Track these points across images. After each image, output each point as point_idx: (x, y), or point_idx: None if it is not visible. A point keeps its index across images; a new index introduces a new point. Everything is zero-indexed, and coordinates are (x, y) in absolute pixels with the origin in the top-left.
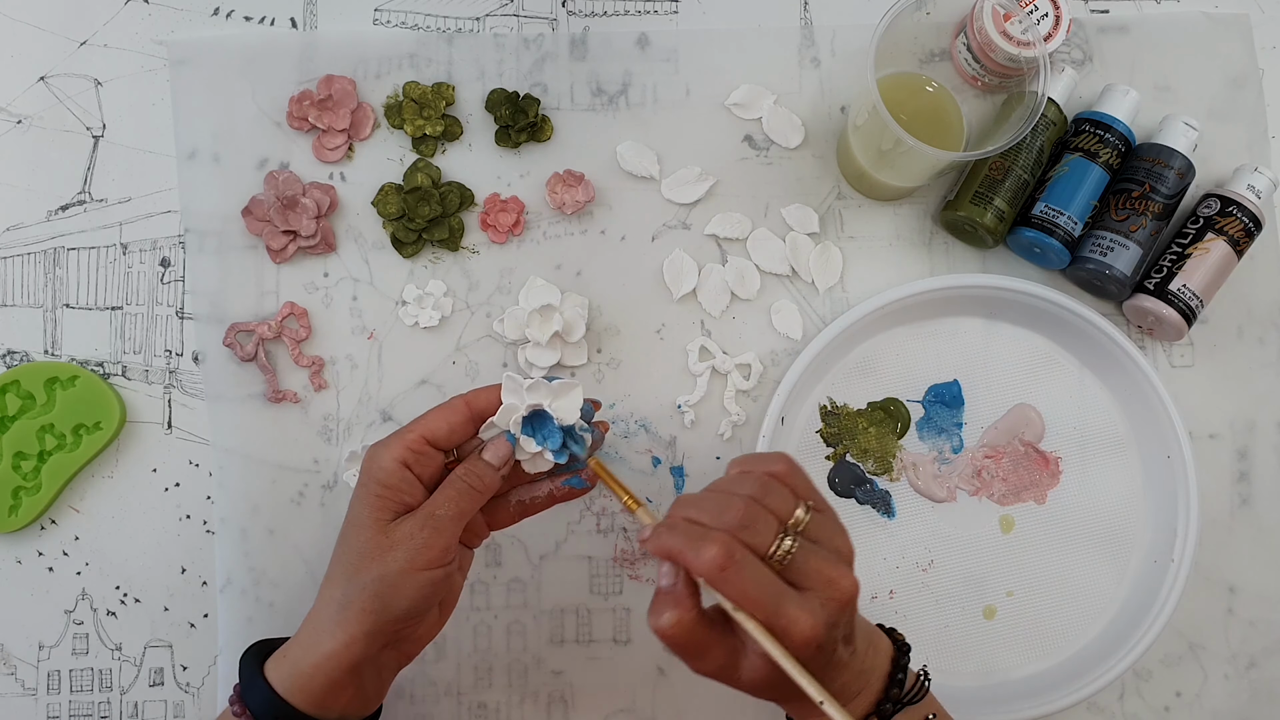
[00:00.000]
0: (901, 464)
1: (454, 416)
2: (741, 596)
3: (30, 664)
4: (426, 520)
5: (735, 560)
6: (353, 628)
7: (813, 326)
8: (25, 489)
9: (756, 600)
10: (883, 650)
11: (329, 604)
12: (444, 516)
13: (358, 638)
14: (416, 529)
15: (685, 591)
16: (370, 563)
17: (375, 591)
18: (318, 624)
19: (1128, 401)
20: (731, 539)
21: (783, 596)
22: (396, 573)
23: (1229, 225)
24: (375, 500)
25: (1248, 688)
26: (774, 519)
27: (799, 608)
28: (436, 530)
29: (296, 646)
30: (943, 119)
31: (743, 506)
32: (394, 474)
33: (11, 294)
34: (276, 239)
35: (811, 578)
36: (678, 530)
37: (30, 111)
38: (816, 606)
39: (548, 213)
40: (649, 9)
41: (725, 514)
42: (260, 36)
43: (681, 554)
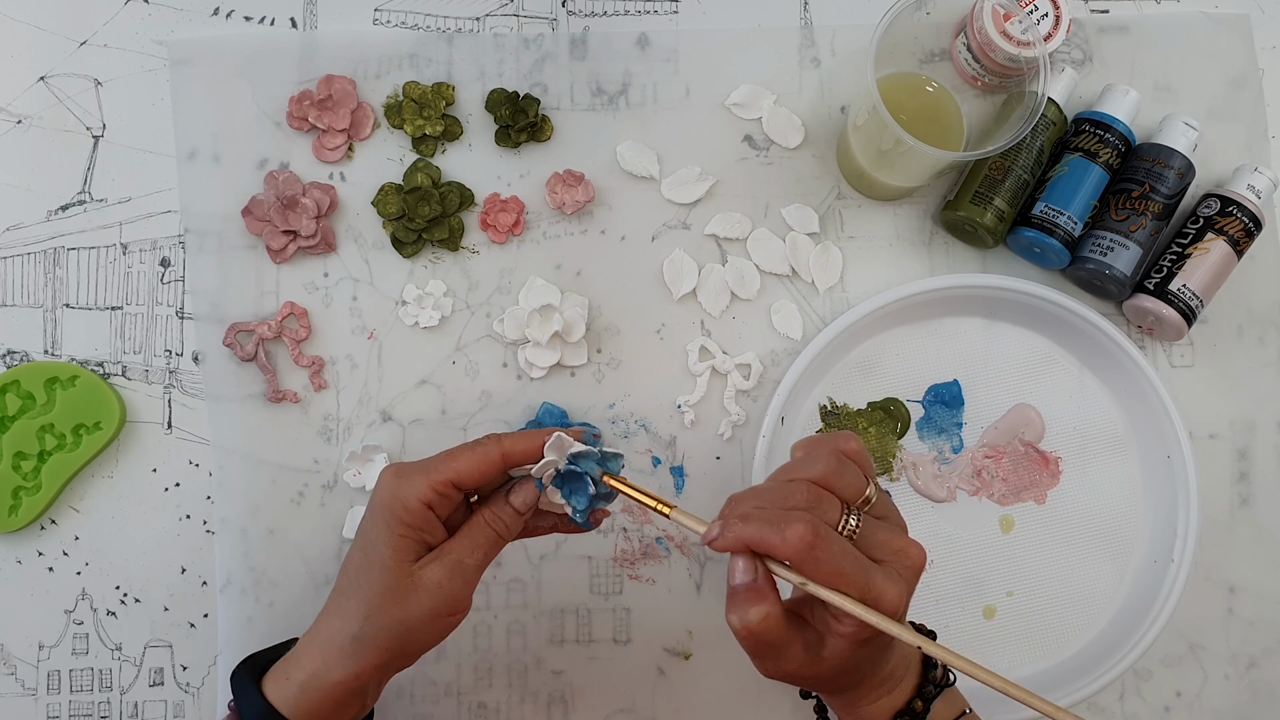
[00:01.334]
0: (901, 464)
1: (487, 465)
2: (833, 574)
3: (30, 664)
4: (455, 569)
5: (822, 536)
6: (365, 661)
7: (813, 326)
8: (25, 489)
9: (848, 576)
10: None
11: (341, 634)
12: (471, 565)
13: (369, 670)
14: (445, 578)
15: (768, 585)
16: (392, 605)
17: (396, 633)
18: (327, 651)
19: (1128, 401)
20: (814, 517)
21: (869, 570)
22: (420, 618)
23: (1229, 225)
24: (399, 540)
25: (1248, 688)
26: (837, 499)
27: (884, 579)
28: (464, 580)
29: (300, 669)
30: (943, 119)
31: (806, 489)
32: (419, 515)
33: (11, 294)
34: (276, 239)
35: (883, 549)
36: (753, 518)
37: (30, 111)
38: (896, 577)
39: (548, 213)
40: (649, 9)
41: (792, 498)
42: (260, 36)
43: (764, 540)
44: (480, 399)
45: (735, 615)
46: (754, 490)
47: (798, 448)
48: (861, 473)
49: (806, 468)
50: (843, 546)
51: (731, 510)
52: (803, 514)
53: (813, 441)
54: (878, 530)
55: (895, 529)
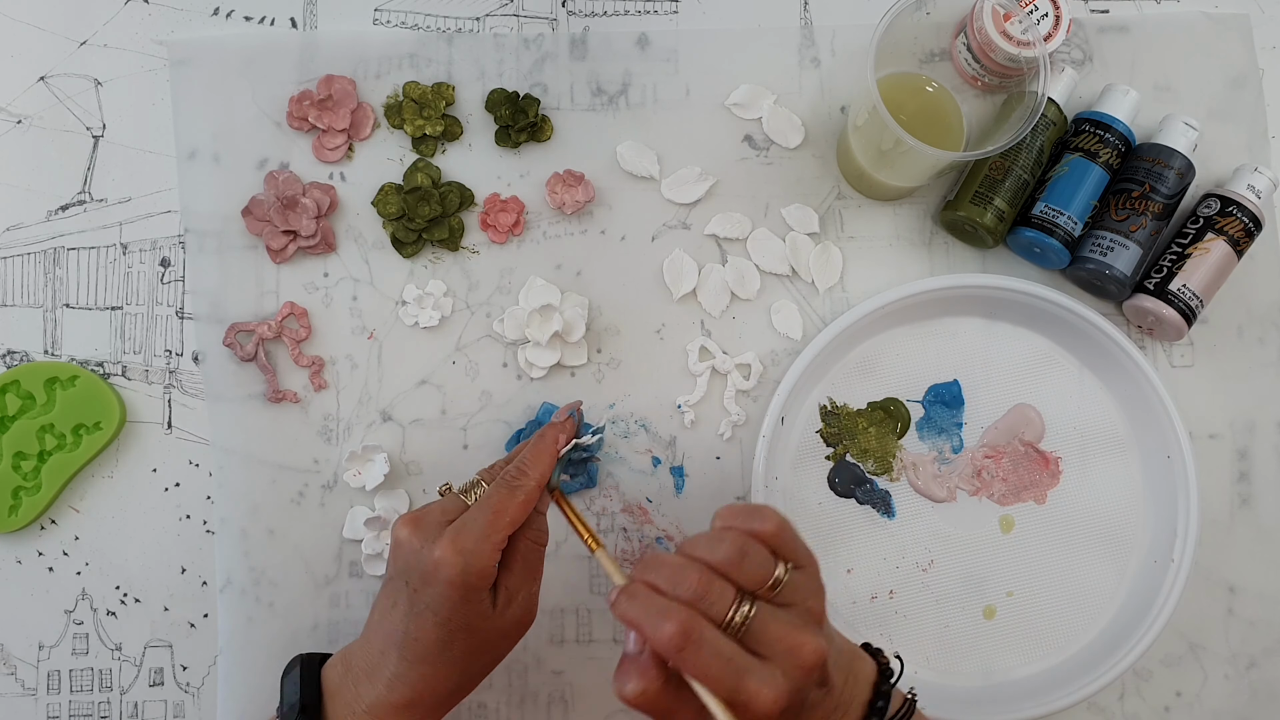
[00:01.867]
0: (901, 464)
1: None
2: (701, 673)
3: (30, 664)
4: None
5: (693, 638)
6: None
7: (813, 326)
8: (25, 489)
9: (716, 677)
10: (864, 679)
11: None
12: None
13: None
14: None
15: (650, 660)
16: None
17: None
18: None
19: (1128, 401)
20: (690, 614)
21: (743, 671)
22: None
23: (1229, 225)
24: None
25: (1248, 688)
26: (730, 587)
27: (759, 681)
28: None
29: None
30: (943, 119)
31: (698, 576)
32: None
33: (11, 294)
34: (276, 239)
35: (773, 646)
36: (637, 600)
37: (30, 111)
38: (779, 677)
39: (548, 213)
40: (649, 9)
41: (681, 584)
42: (260, 36)
43: (641, 627)
44: (480, 399)
45: (616, 684)
46: (657, 560)
47: (717, 517)
48: (771, 557)
49: (710, 549)
50: (715, 648)
51: (635, 573)
52: (679, 610)
53: (729, 514)
54: (770, 623)
55: (795, 621)
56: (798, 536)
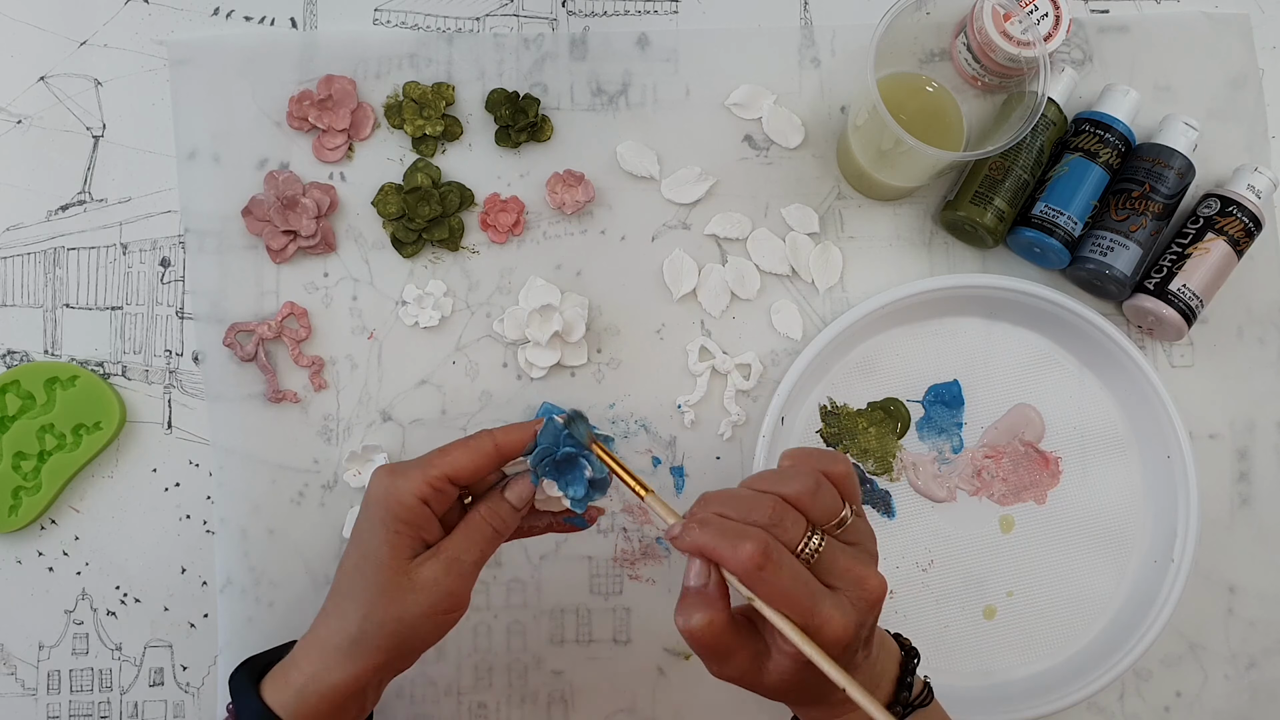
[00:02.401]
0: (901, 464)
1: (481, 457)
2: (778, 595)
3: (30, 664)
4: (452, 566)
5: (772, 558)
6: (364, 662)
7: (813, 326)
8: (25, 489)
9: (793, 599)
10: (892, 654)
11: (338, 634)
12: (468, 562)
13: (369, 671)
14: (442, 574)
15: (716, 592)
16: (389, 603)
17: (393, 631)
18: (325, 653)
19: (1128, 401)
20: (768, 536)
21: (818, 595)
22: (418, 616)
23: (1229, 225)
24: (394, 537)
25: (1248, 688)
26: (802, 517)
27: (833, 607)
28: (462, 576)
29: (298, 672)
30: (943, 119)
31: (772, 504)
32: (415, 511)
33: (11, 294)
34: (276, 239)
35: (842, 576)
36: (711, 526)
37: (30, 111)
38: (848, 606)
39: (548, 213)
40: (649, 9)
41: (755, 510)
42: (260, 36)
43: (716, 551)
44: (480, 399)
45: (681, 617)
46: (724, 494)
47: (785, 456)
48: (839, 496)
49: (782, 482)
50: (793, 570)
51: (698, 511)
52: (758, 532)
53: (800, 454)
54: (840, 556)
55: (860, 556)
56: (858, 486)
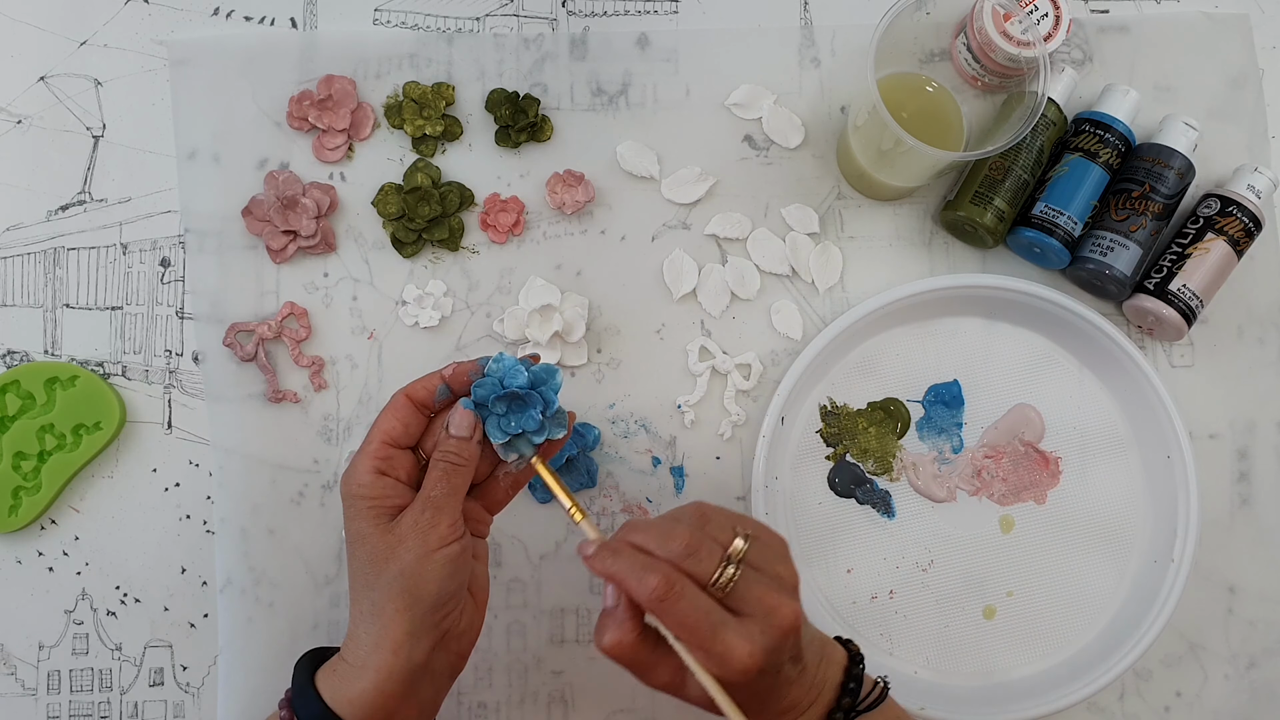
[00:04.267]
0: (901, 464)
1: (400, 413)
2: (679, 625)
3: (30, 664)
4: (424, 504)
5: (674, 590)
6: (394, 631)
7: (813, 326)
8: (25, 489)
9: (694, 629)
10: (836, 662)
11: (362, 618)
12: (438, 495)
13: (402, 640)
14: (418, 514)
15: (627, 614)
16: (386, 563)
17: (401, 587)
18: (358, 640)
19: (1128, 401)
20: (673, 569)
21: (720, 625)
22: (414, 561)
23: (1229, 225)
24: (367, 511)
25: (1248, 688)
26: (718, 547)
27: (737, 635)
28: (436, 509)
29: (345, 664)
30: (943, 119)
31: (687, 534)
32: (373, 484)
33: (11, 294)
34: (276, 239)
35: (753, 605)
36: (622, 555)
37: (30, 111)
38: (756, 633)
39: (548, 213)
40: (649, 9)
41: (670, 542)
42: (260, 36)
43: (624, 580)
44: None
45: (596, 635)
46: (643, 524)
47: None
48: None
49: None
50: (695, 601)
51: (618, 536)
52: (663, 566)
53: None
54: (752, 585)
55: (771, 584)
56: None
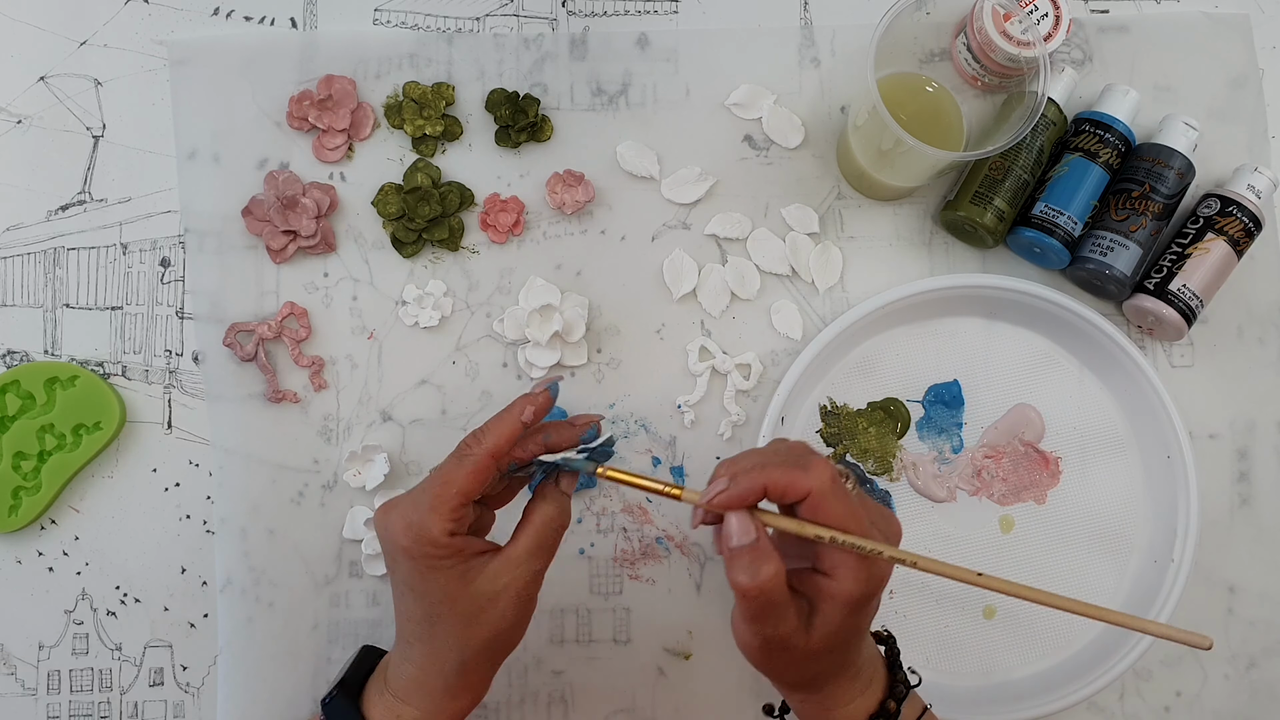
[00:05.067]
0: (901, 464)
1: (484, 475)
2: (848, 512)
3: (30, 664)
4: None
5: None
6: (475, 685)
7: (813, 326)
8: (25, 489)
9: (857, 517)
10: (877, 652)
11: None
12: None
13: (479, 690)
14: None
15: (769, 544)
16: (479, 628)
17: (492, 650)
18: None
19: (1128, 401)
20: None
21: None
22: (509, 628)
23: (1229, 225)
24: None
25: (1248, 688)
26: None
27: (880, 534)
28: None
29: (409, 706)
30: (943, 119)
31: (805, 446)
32: (450, 546)
33: (11, 294)
34: (276, 239)
35: (873, 511)
36: (768, 465)
37: (30, 111)
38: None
39: (548, 213)
40: (649, 9)
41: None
42: (260, 36)
43: (791, 478)
44: (480, 399)
45: (746, 574)
46: (751, 451)
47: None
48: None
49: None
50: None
51: (732, 468)
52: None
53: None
54: (864, 497)
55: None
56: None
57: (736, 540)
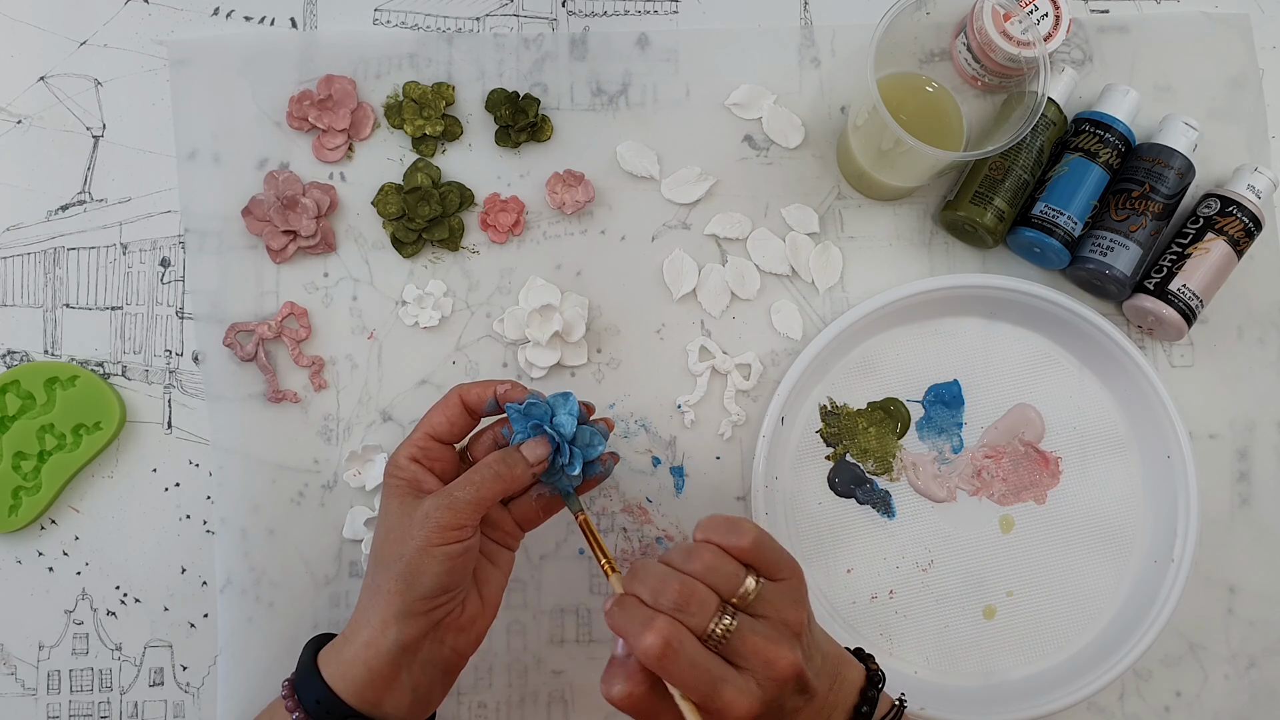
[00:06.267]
0: (901, 464)
1: (450, 411)
2: (679, 681)
3: (30, 664)
4: (443, 498)
5: (672, 648)
6: (384, 610)
7: (813, 326)
8: (25, 489)
9: (693, 686)
10: (850, 683)
11: (365, 592)
12: (461, 498)
13: (390, 620)
14: (433, 508)
15: (637, 664)
16: (395, 544)
17: (399, 571)
18: (357, 615)
19: (1128, 401)
20: (672, 624)
21: (719, 681)
22: (415, 550)
23: (1229, 225)
24: (395, 488)
25: (1248, 688)
26: (713, 597)
27: (736, 690)
28: (451, 509)
29: (342, 638)
30: (943, 119)
31: (679, 586)
32: (407, 469)
33: (11, 294)
34: (276, 239)
35: (749, 658)
36: (626, 610)
37: (30, 111)
38: (754, 687)
39: (548, 213)
40: (649, 9)
41: (663, 594)
42: (260, 36)
43: (627, 636)
44: None
45: (603, 686)
46: (644, 570)
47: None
48: (741, 570)
49: (684, 561)
50: (693, 659)
51: (625, 586)
52: (663, 621)
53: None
54: (748, 635)
55: (771, 634)
56: (778, 548)
57: (614, 650)
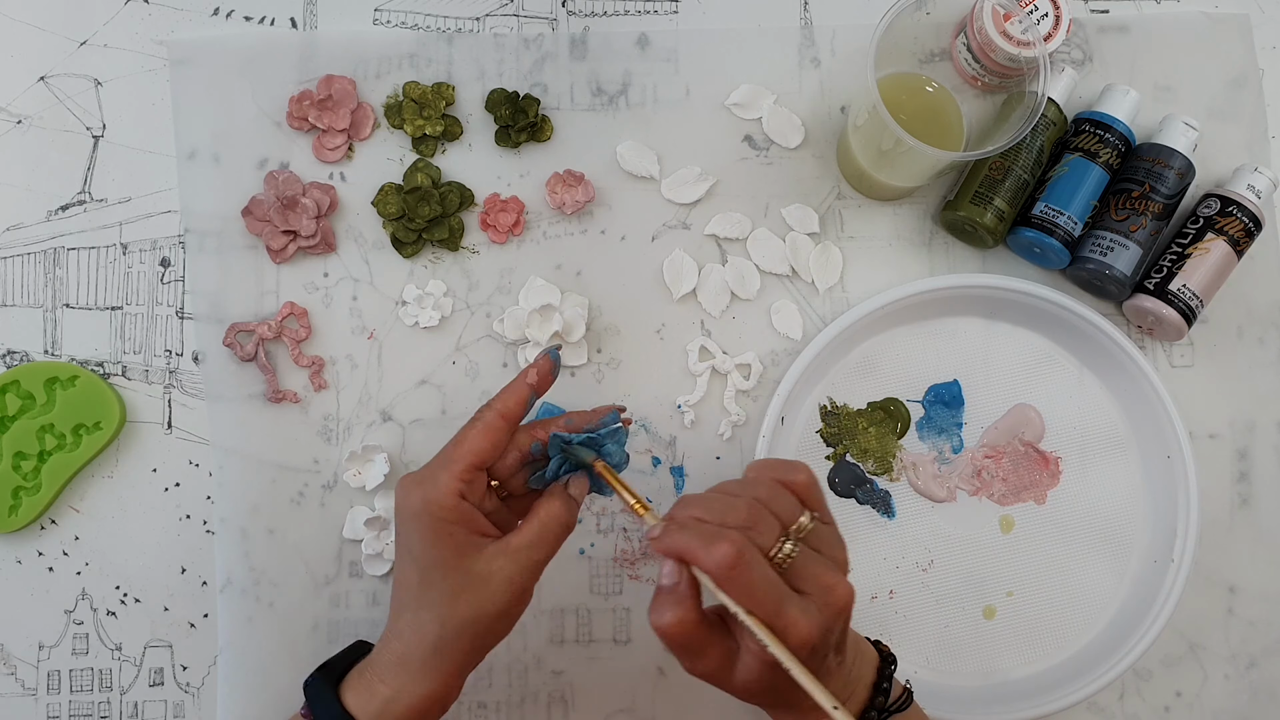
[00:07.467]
0: (901, 464)
1: (494, 434)
2: (747, 596)
3: (30, 664)
4: (523, 562)
5: (744, 560)
6: (450, 669)
7: (813, 326)
8: (25, 489)
9: (761, 600)
10: (869, 661)
11: (418, 647)
12: (540, 560)
13: (452, 676)
14: (515, 572)
15: (688, 591)
16: (464, 605)
17: (474, 633)
18: (407, 667)
19: (1128, 401)
20: (742, 538)
21: (785, 598)
22: (493, 614)
23: (1229, 225)
24: (450, 540)
25: (1248, 688)
26: (777, 522)
27: (800, 611)
28: (531, 572)
29: (384, 685)
30: (943, 119)
31: (747, 507)
32: (457, 509)
33: (11, 294)
34: (276, 239)
35: (810, 582)
36: (688, 529)
37: (30, 111)
38: (814, 610)
39: (548, 213)
40: (649, 9)
41: (730, 514)
42: (260, 36)
43: (692, 552)
44: (480, 399)
45: (654, 614)
46: (702, 497)
47: (751, 468)
48: (797, 502)
49: (748, 487)
50: (763, 573)
51: (677, 513)
52: (734, 534)
53: (761, 465)
54: (810, 563)
55: (828, 564)
56: (823, 496)
57: (661, 580)
